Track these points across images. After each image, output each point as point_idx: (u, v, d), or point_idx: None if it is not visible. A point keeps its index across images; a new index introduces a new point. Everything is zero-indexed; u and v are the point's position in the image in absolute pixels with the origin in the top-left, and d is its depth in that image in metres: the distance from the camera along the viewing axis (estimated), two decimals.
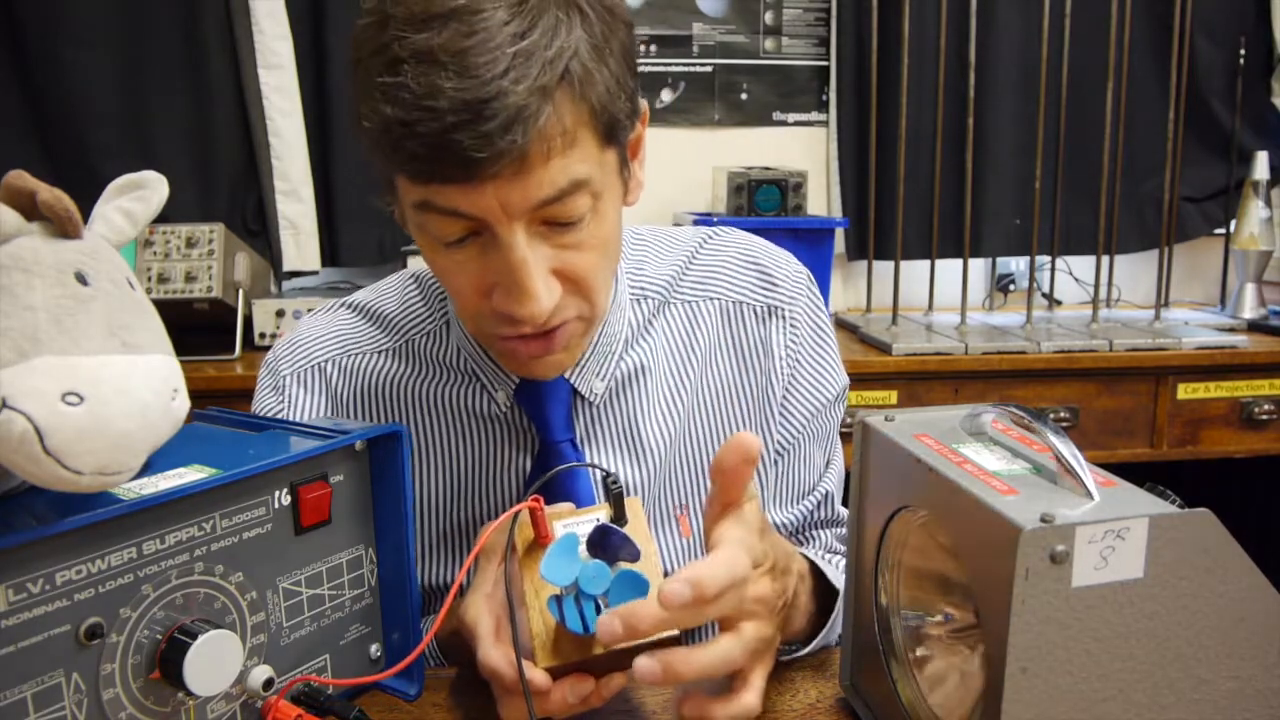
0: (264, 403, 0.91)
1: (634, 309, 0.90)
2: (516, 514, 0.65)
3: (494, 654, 0.62)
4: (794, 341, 0.93)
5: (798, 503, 0.95)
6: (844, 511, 0.98)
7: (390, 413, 0.89)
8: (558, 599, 0.62)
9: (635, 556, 0.63)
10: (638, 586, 0.62)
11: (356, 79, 0.69)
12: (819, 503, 0.96)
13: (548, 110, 0.65)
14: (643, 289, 0.91)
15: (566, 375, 0.86)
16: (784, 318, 0.92)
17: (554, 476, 0.84)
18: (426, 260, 0.77)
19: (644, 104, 0.79)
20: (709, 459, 0.91)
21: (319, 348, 0.91)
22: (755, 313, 0.92)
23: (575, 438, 0.87)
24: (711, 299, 0.92)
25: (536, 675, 0.61)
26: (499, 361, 0.85)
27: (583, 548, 0.64)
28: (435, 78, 0.62)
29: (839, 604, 0.79)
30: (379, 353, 0.90)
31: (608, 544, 0.63)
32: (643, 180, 0.81)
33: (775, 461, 0.94)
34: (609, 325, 0.87)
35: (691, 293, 0.93)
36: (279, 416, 0.90)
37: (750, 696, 0.63)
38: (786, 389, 0.93)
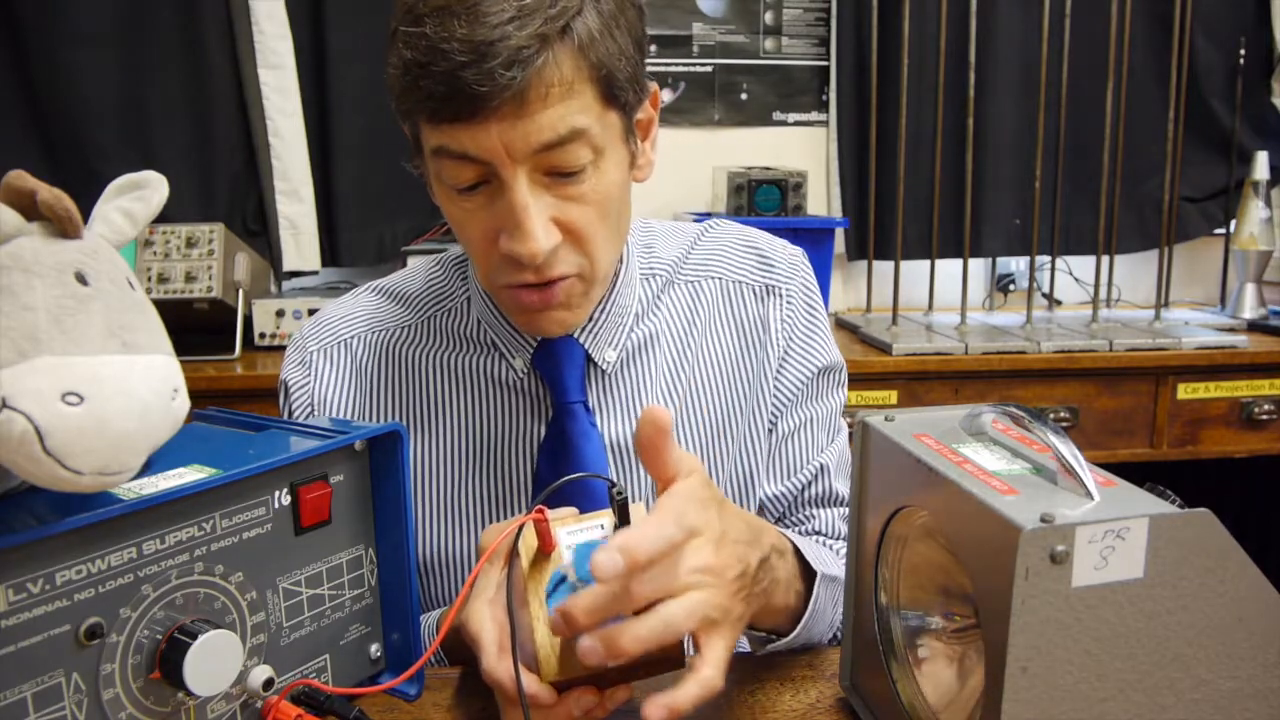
0: (291, 375, 0.96)
1: (643, 286, 0.96)
2: (520, 527, 0.65)
3: (498, 666, 0.63)
4: (789, 316, 0.97)
5: (790, 476, 0.97)
6: (844, 490, 0.99)
7: (412, 382, 0.93)
8: (563, 578, 0.62)
9: None
10: None
11: (390, 40, 0.76)
12: (813, 477, 0.97)
13: (546, 56, 0.72)
14: (651, 268, 0.97)
15: (581, 341, 0.90)
16: (781, 296, 0.97)
17: (564, 443, 0.89)
18: (445, 212, 0.82)
19: (654, 86, 0.85)
20: (712, 431, 0.95)
21: (344, 325, 0.96)
22: (754, 292, 0.97)
23: (587, 400, 0.91)
24: (713, 278, 0.98)
25: (541, 690, 0.61)
26: (511, 319, 0.89)
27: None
28: (449, 25, 0.70)
29: (817, 586, 0.78)
30: (402, 327, 0.95)
31: None
32: (654, 159, 0.87)
33: (769, 432, 0.97)
34: (621, 297, 0.92)
35: (694, 273, 0.98)
36: (305, 389, 0.95)
37: (707, 670, 0.61)
38: (780, 361, 0.97)
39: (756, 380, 0.96)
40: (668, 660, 0.64)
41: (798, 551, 0.79)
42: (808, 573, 0.80)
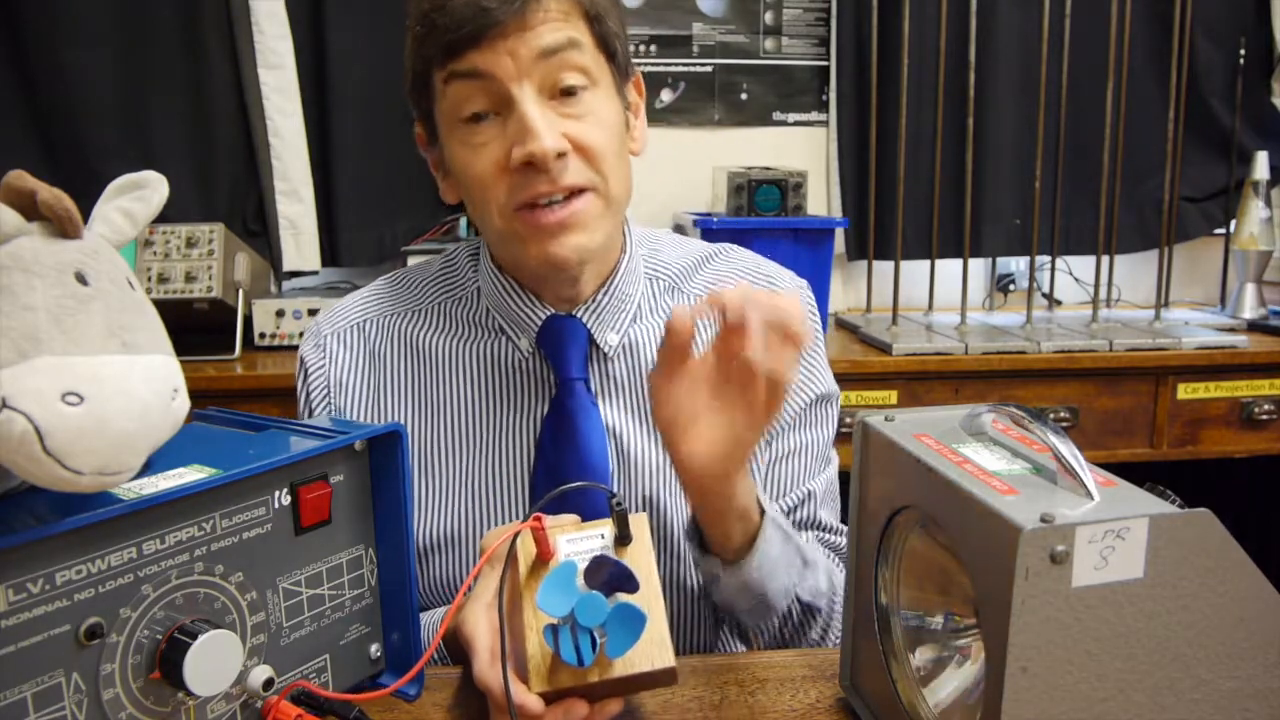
0: (309, 355, 0.99)
1: (648, 284, 0.99)
2: (517, 534, 0.65)
3: (489, 674, 0.64)
4: None
5: (778, 499, 0.98)
6: (830, 520, 1.01)
7: (421, 364, 0.97)
8: (553, 629, 0.62)
9: (634, 589, 0.63)
10: (635, 619, 0.62)
11: (408, 17, 0.86)
12: (800, 502, 0.99)
13: None
14: (655, 270, 1.00)
15: (584, 320, 0.93)
16: None
17: (564, 418, 0.91)
18: (458, 165, 0.87)
19: (637, 73, 0.95)
20: None
21: (357, 310, 1.00)
22: None
23: (589, 380, 0.93)
24: None
25: (530, 700, 0.62)
26: (525, 256, 0.89)
27: (580, 579, 0.64)
28: None
29: (765, 522, 0.81)
30: (412, 311, 0.99)
31: (606, 575, 0.63)
32: (647, 137, 0.96)
33: (764, 450, 0.98)
34: (624, 283, 0.95)
35: (703, 287, 1.00)
36: (321, 370, 0.97)
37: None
38: None
39: None
40: (659, 677, 0.64)
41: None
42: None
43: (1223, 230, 2.46)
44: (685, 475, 0.77)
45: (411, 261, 2.02)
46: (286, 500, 0.64)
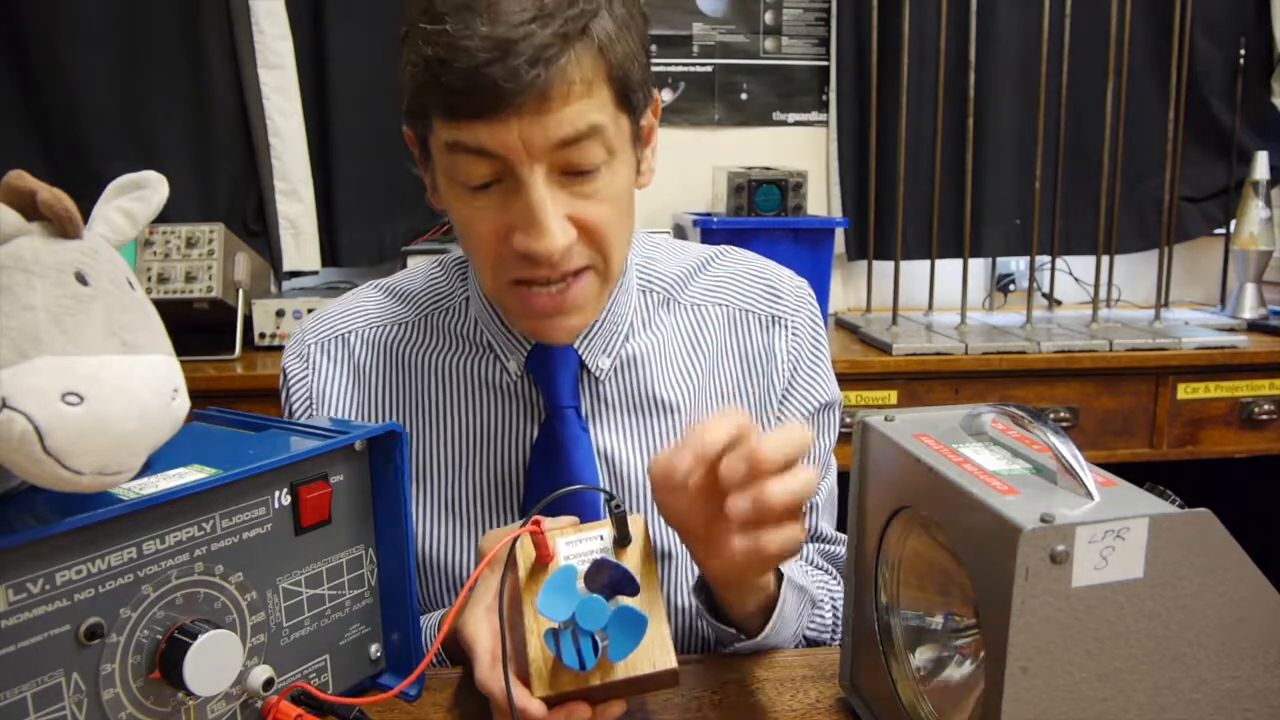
0: (290, 365, 0.96)
1: (641, 298, 0.95)
2: (516, 539, 0.65)
3: (491, 677, 0.63)
4: (795, 348, 0.97)
5: None
6: (829, 530, 1.00)
7: (408, 380, 0.94)
8: (554, 633, 0.62)
9: (634, 591, 0.63)
10: (636, 622, 0.62)
11: (405, 40, 0.77)
12: (803, 514, 0.96)
13: (569, 54, 0.72)
14: (650, 282, 0.96)
15: (575, 346, 0.89)
16: (787, 327, 0.97)
17: (554, 447, 0.89)
18: (452, 212, 0.82)
19: (656, 94, 0.86)
20: None
21: (342, 321, 0.97)
22: (760, 321, 0.97)
23: (580, 406, 0.90)
24: (719, 305, 0.97)
25: (532, 704, 0.62)
26: (514, 323, 0.88)
27: (580, 582, 0.64)
28: (471, 23, 0.71)
29: (785, 587, 0.77)
30: (399, 324, 0.95)
31: (606, 578, 0.63)
32: (654, 167, 0.88)
33: None
34: (617, 305, 0.91)
35: (701, 297, 0.97)
36: (303, 382, 0.95)
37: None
38: (785, 392, 0.96)
39: (760, 408, 0.96)
40: (661, 678, 0.64)
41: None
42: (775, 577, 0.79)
43: (1223, 230, 2.46)
44: (703, 573, 0.75)
45: (411, 262, 2.03)
46: (286, 500, 0.64)
